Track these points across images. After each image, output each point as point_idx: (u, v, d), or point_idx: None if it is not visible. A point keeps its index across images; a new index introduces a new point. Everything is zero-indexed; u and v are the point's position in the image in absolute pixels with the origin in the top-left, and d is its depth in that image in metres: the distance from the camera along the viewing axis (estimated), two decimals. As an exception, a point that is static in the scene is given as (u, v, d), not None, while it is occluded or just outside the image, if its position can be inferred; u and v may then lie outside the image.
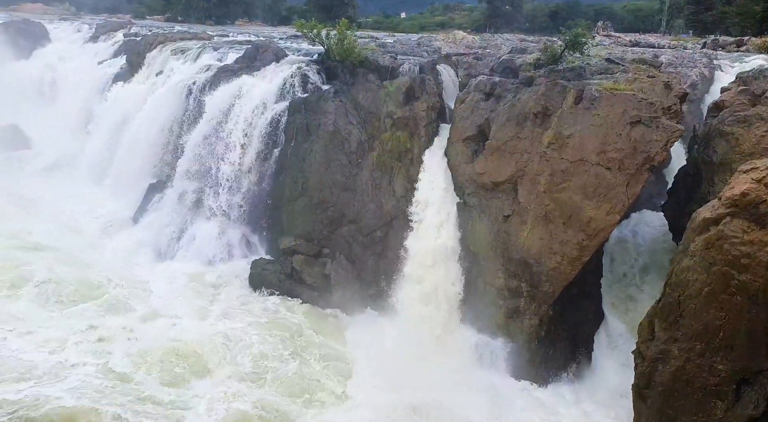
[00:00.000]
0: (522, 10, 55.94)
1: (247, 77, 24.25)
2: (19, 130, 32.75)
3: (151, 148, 25.95)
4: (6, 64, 36.96)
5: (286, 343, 17.42)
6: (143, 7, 70.03)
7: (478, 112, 18.62)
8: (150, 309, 18.72)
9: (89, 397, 13.83)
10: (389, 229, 19.93)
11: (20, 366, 14.80)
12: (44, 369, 14.81)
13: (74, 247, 22.25)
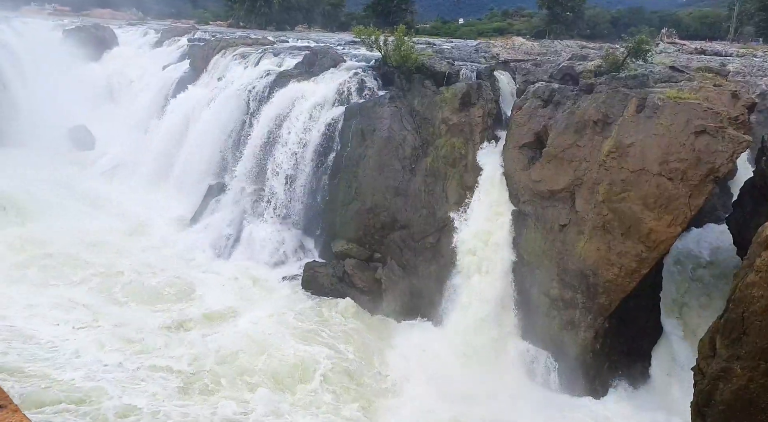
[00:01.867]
0: (583, 17, 54.86)
1: (304, 82, 24.61)
2: (86, 130, 34.12)
3: (212, 150, 26.65)
4: (77, 67, 38.57)
5: (335, 345, 17.53)
6: (207, 13, 72.04)
7: (535, 119, 18.36)
8: (207, 308, 19.16)
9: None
10: (441, 236, 19.81)
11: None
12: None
13: (134, 245, 23.04)
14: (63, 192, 27.21)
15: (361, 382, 16.13)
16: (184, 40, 39.93)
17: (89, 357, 15.42)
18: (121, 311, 18.41)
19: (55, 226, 23.38)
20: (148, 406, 13.85)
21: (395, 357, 17.60)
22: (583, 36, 49.25)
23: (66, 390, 13.95)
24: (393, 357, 17.60)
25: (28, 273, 19.89)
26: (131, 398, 14.00)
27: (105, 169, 30.86)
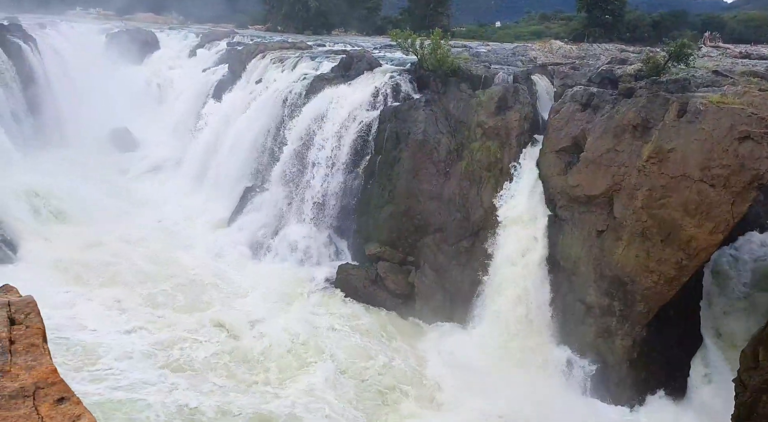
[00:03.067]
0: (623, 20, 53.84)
1: (340, 86, 24.75)
2: (128, 132, 34.89)
3: (249, 152, 27.00)
4: (120, 69, 39.49)
5: (369, 349, 17.55)
6: (246, 17, 72.93)
7: (573, 123, 18.11)
8: (242, 308, 19.38)
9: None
10: (476, 240, 19.68)
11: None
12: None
13: (173, 245, 23.45)
14: (104, 192, 27.89)
15: (394, 386, 16.10)
16: (223, 43, 40.56)
17: (135, 359, 15.73)
18: (159, 311, 18.73)
19: (95, 225, 23.98)
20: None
21: (429, 361, 17.54)
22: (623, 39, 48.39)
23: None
24: (426, 361, 17.53)
25: (68, 272, 20.39)
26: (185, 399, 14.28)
27: (145, 170, 31.52)
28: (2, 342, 2.39)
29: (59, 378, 2.27)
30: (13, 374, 2.27)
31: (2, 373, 2.28)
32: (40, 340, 2.46)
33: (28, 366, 2.32)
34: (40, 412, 2.10)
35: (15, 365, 2.32)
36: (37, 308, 2.60)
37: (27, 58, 32.87)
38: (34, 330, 2.50)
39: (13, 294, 2.79)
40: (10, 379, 2.25)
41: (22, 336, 2.45)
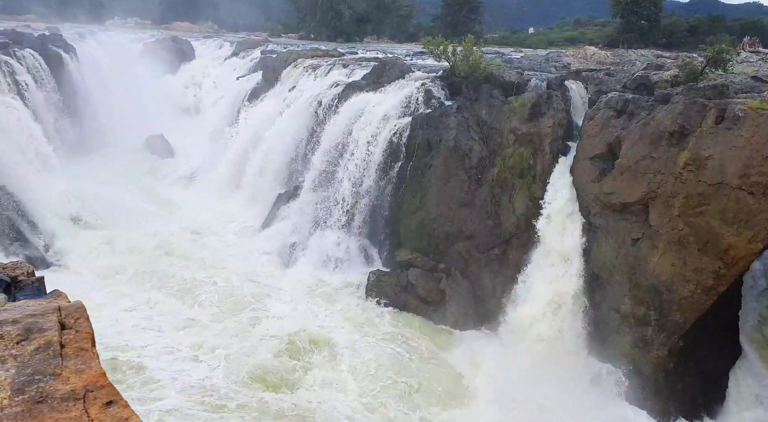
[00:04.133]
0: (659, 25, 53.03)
1: (372, 93, 24.87)
2: (164, 139, 35.57)
3: (282, 159, 27.31)
4: (157, 78, 40.33)
5: (399, 356, 17.54)
6: (280, 25, 73.89)
7: (608, 130, 17.89)
8: (273, 313, 19.54)
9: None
10: (507, 247, 19.55)
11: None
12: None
13: (207, 250, 23.79)
14: (141, 197, 28.43)
15: (425, 393, 16.05)
16: (257, 52, 41.13)
17: (179, 365, 15.99)
18: (194, 315, 19.00)
19: (131, 230, 24.43)
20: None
21: (460, 369, 17.44)
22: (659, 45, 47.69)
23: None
24: (458, 369, 17.44)
25: (106, 277, 20.82)
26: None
27: (181, 177, 32.07)
28: (54, 346, 2.46)
29: (108, 382, 2.34)
30: (64, 377, 2.34)
31: (54, 376, 2.35)
32: (89, 345, 2.53)
33: (78, 369, 2.39)
34: (90, 415, 2.17)
35: (66, 368, 2.39)
36: (86, 313, 2.68)
37: (67, 66, 33.80)
38: (84, 335, 2.57)
39: (62, 299, 2.88)
40: (61, 382, 2.32)
41: (72, 340, 2.53)
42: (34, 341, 2.46)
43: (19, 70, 29.20)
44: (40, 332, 2.50)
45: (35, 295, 3.07)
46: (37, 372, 2.34)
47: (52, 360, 2.40)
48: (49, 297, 2.95)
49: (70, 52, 35.17)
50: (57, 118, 31.21)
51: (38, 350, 2.43)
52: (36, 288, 3.17)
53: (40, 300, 2.86)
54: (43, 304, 2.73)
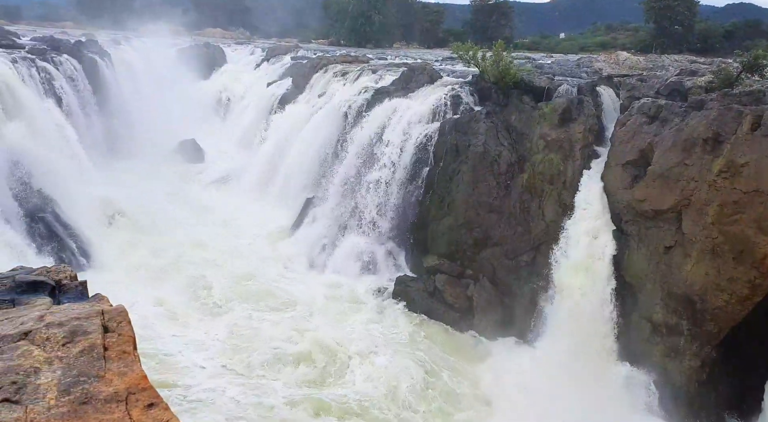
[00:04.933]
0: (693, 30, 52.16)
1: (400, 99, 24.95)
2: (196, 144, 36.07)
3: (310, 164, 27.53)
4: (189, 83, 40.96)
5: (425, 361, 17.47)
6: (309, 32, 74.51)
7: (640, 136, 17.66)
8: (300, 316, 19.65)
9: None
10: (537, 254, 19.37)
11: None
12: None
13: (236, 254, 24.03)
14: (172, 201, 28.86)
15: (450, 400, 15.96)
16: (288, 58, 41.55)
17: (209, 369, 16.19)
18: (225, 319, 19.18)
19: (162, 234, 24.84)
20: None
21: (488, 377, 17.30)
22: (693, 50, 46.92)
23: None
24: (485, 377, 17.31)
25: (137, 279, 21.13)
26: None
27: (212, 181, 32.48)
28: (97, 349, 2.53)
29: (149, 385, 2.40)
30: (107, 379, 2.41)
31: (98, 378, 2.42)
32: (131, 348, 2.60)
33: (120, 372, 2.46)
34: (132, 416, 2.23)
35: (109, 371, 2.45)
36: (128, 317, 2.75)
37: (102, 72, 34.50)
38: (126, 338, 2.64)
39: (104, 303, 2.95)
40: (105, 384, 2.38)
41: (115, 343, 2.60)
42: (79, 343, 2.54)
43: (56, 76, 29.86)
44: (85, 335, 2.58)
45: (78, 299, 3.16)
46: (81, 373, 2.41)
47: (96, 362, 2.47)
48: (92, 301, 3.03)
49: (105, 57, 35.90)
50: (92, 123, 31.84)
51: (83, 352, 2.50)
52: (79, 292, 3.26)
53: (84, 304, 2.94)
54: (86, 308, 2.81)
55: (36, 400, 2.30)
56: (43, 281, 3.23)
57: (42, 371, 2.43)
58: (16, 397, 2.30)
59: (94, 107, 32.60)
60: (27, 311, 2.86)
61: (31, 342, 2.55)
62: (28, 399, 2.30)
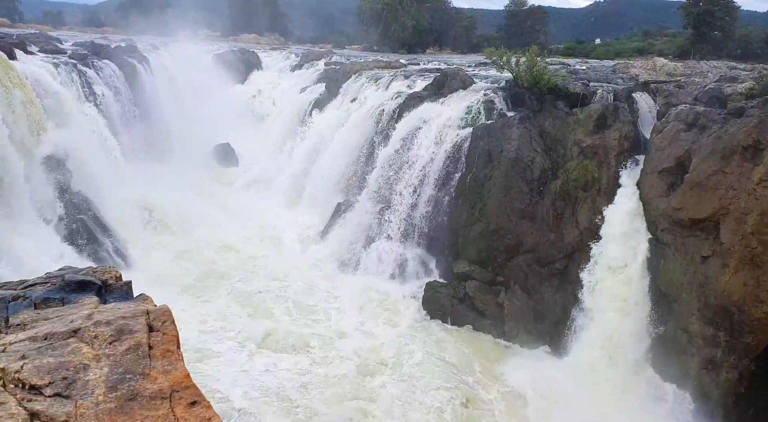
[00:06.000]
0: (733, 36, 51.03)
1: (433, 104, 24.93)
2: (230, 148, 36.54)
3: (342, 169, 27.68)
4: (225, 88, 41.54)
5: (456, 367, 17.40)
6: (343, 37, 74.99)
7: (677, 143, 17.37)
8: (331, 322, 19.75)
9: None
10: (569, 262, 19.16)
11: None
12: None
13: (268, 257, 24.30)
14: (206, 204, 29.26)
15: (479, 409, 15.85)
16: (321, 63, 41.85)
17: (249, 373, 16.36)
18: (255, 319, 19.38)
19: (196, 236, 25.22)
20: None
21: (518, 386, 17.12)
22: (733, 56, 45.93)
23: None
24: (516, 386, 17.13)
25: (171, 280, 21.48)
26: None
27: (245, 184, 32.86)
28: (143, 348, 2.61)
29: (192, 383, 2.46)
30: (152, 377, 2.48)
31: (143, 376, 2.49)
32: (174, 347, 2.67)
33: (165, 370, 2.53)
34: (176, 414, 2.29)
35: (154, 369, 2.53)
36: (171, 316, 2.82)
37: (141, 77, 35.19)
38: (170, 337, 2.72)
39: (149, 303, 3.04)
40: (149, 382, 2.45)
41: (159, 342, 2.67)
42: (125, 342, 2.62)
43: (96, 80, 30.54)
44: (131, 333, 2.66)
45: (123, 298, 3.26)
46: (128, 371, 2.49)
47: (141, 360, 2.54)
48: (137, 301, 3.12)
49: (144, 62, 36.61)
50: (130, 126, 32.48)
51: (129, 350, 2.58)
52: (124, 292, 3.36)
53: (129, 304, 3.03)
54: (132, 307, 2.89)
55: (85, 395, 2.38)
56: (91, 281, 3.33)
57: (90, 368, 2.51)
58: (66, 392, 2.39)
59: (133, 111, 33.26)
60: (76, 309, 2.96)
61: (80, 340, 2.64)
62: (78, 395, 2.39)
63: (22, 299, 3.13)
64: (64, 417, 2.27)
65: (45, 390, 2.39)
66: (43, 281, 3.42)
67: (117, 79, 32.76)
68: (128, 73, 33.97)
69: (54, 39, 38.93)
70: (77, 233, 22.05)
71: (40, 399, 2.36)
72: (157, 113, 34.84)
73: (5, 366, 2.44)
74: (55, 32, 52.21)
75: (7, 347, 2.59)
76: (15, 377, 2.42)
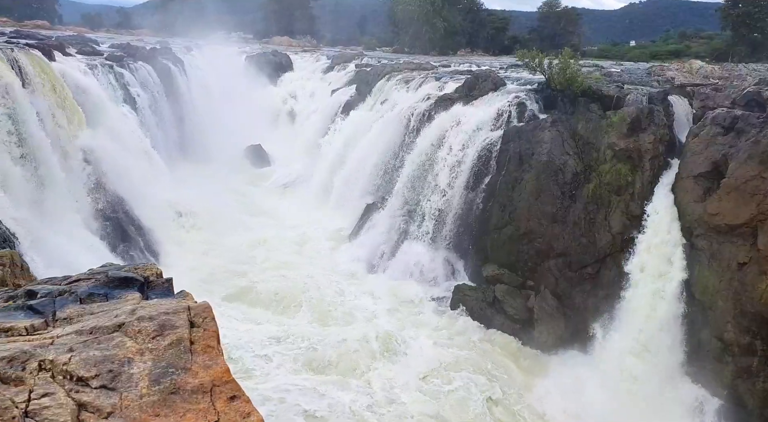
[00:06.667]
0: (774, 37, 49.96)
1: (463, 106, 24.85)
2: (262, 149, 36.98)
3: (372, 170, 27.76)
4: (257, 90, 42.03)
5: (484, 371, 17.29)
6: (374, 40, 75.20)
7: (714, 147, 17.03)
8: (358, 319, 19.81)
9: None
10: (602, 267, 18.91)
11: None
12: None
13: (298, 257, 24.49)
14: (238, 204, 29.65)
15: (509, 413, 15.72)
16: (352, 65, 42.08)
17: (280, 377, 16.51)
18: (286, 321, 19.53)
19: (227, 236, 25.53)
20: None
21: (547, 392, 16.93)
22: (773, 58, 44.89)
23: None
24: (545, 392, 16.95)
25: (202, 279, 21.76)
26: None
27: (277, 185, 33.22)
28: (184, 343, 2.67)
29: (231, 378, 2.51)
30: (194, 371, 2.54)
31: (185, 370, 2.55)
32: (215, 342, 2.73)
33: (205, 365, 2.58)
34: (216, 408, 2.35)
35: (195, 363, 2.59)
36: (212, 313, 2.88)
37: (175, 78, 35.80)
38: (211, 333, 2.78)
39: (189, 299, 3.11)
40: (191, 376, 2.51)
41: (200, 338, 2.73)
42: (168, 337, 2.68)
43: (132, 82, 31.15)
44: (173, 329, 2.72)
45: (165, 295, 3.33)
46: (170, 365, 2.55)
47: (183, 355, 2.60)
48: (178, 297, 3.19)
49: (178, 64, 37.25)
50: (164, 127, 33.07)
51: (171, 345, 2.65)
52: (165, 289, 3.44)
53: (171, 300, 3.10)
54: (174, 304, 2.96)
55: (129, 388, 2.45)
56: (134, 277, 3.41)
57: (134, 361, 2.58)
58: (112, 384, 2.46)
59: (167, 112, 33.85)
60: (120, 305, 3.04)
61: (124, 334, 2.72)
62: (123, 387, 2.46)
63: (68, 294, 3.23)
64: (110, 408, 2.34)
65: (92, 382, 2.47)
66: (86, 277, 3.52)
67: (152, 81, 33.37)
68: (163, 75, 34.57)
69: (91, 41, 39.84)
70: (111, 231, 22.48)
71: (87, 390, 2.44)
72: (191, 114, 35.40)
73: (54, 358, 2.52)
74: (92, 34, 53.39)
75: (55, 340, 2.68)
76: (63, 369, 2.50)
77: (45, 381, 2.42)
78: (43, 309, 3.04)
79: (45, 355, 2.53)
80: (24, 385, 2.37)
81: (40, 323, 2.90)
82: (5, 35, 32.58)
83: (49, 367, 2.50)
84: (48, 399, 2.34)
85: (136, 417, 2.31)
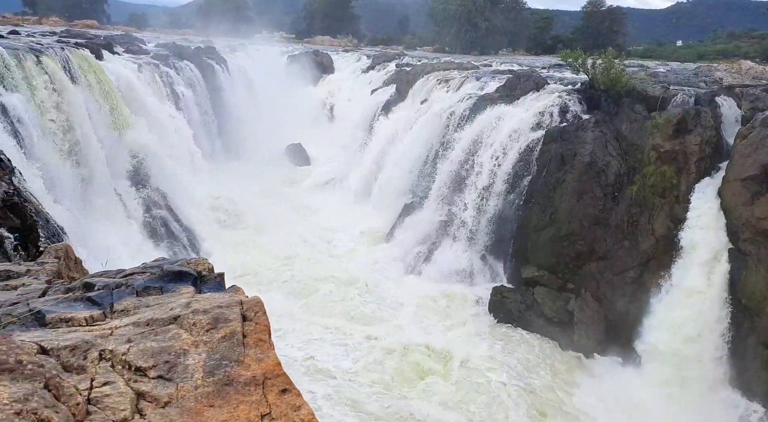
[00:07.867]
0: (828, 36, 48.23)
1: (504, 106, 24.64)
2: (302, 148, 37.36)
3: (410, 170, 27.75)
4: (299, 89, 42.49)
5: (522, 375, 17.14)
6: (415, 39, 75.16)
7: (763, 150, 16.55)
8: (394, 321, 19.84)
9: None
10: (644, 271, 18.56)
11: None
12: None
13: (335, 255, 24.67)
14: (277, 202, 30.01)
15: (548, 418, 15.55)
16: (392, 65, 42.16)
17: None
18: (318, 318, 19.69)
19: (269, 233, 25.88)
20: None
21: (587, 396, 16.69)
22: (827, 58, 43.31)
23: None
24: (584, 396, 16.71)
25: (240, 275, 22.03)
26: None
27: (315, 184, 33.52)
28: (237, 336, 2.76)
29: (282, 372, 2.59)
30: (246, 364, 2.62)
31: (238, 363, 2.64)
32: (267, 336, 2.81)
33: (257, 358, 2.66)
34: (268, 400, 2.42)
35: (247, 356, 2.67)
36: (263, 308, 2.97)
37: (218, 77, 36.45)
38: (262, 327, 2.86)
39: (241, 294, 3.20)
40: (244, 368, 2.60)
41: (252, 331, 2.82)
42: (221, 330, 2.77)
43: (177, 80, 31.81)
44: (226, 322, 2.81)
45: (217, 289, 3.44)
46: (224, 357, 2.64)
47: (236, 348, 2.69)
48: (230, 292, 3.29)
49: (222, 63, 37.89)
50: (208, 125, 33.70)
51: (224, 338, 2.74)
52: (217, 283, 3.55)
53: (224, 294, 3.21)
54: (226, 298, 3.06)
55: (185, 379, 2.55)
56: (188, 272, 3.53)
57: (190, 353, 2.68)
58: (168, 375, 2.56)
59: (210, 110, 34.48)
60: (175, 298, 3.15)
61: (180, 327, 2.82)
62: (179, 378, 2.55)
63: (124, 287, 3.36)
64: (167, 398, 2.44)
65: (149, 372, 2.57)
66: (140, 271, 3.65)
67: (196, 80, 34.04)
68: (207, 74, 35.23)
69: (138, 40, 40.80)
70: (155, 227, 23.01)
71: (145, 380, 2.54)
72: (234, 113, 35.98)
73: (114, 348, 2.63)
74: (139, 34, 54.68)
75: (114, 331, 2.79)
76: (122, 359, 2.61)
77: (105, 371, 2.53)
78: (101, 301, 3.18)
79: (105, 345, 2.65)
80: (86, 374, 2.49)
81: (98, 314, 3.03)
82: (56, 35, 33.62)
83: (109, 357, 2.61)
84: (109, 387, 2.44)
85: (191, 407, 2.40)
